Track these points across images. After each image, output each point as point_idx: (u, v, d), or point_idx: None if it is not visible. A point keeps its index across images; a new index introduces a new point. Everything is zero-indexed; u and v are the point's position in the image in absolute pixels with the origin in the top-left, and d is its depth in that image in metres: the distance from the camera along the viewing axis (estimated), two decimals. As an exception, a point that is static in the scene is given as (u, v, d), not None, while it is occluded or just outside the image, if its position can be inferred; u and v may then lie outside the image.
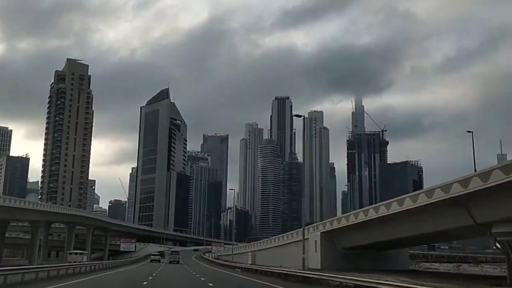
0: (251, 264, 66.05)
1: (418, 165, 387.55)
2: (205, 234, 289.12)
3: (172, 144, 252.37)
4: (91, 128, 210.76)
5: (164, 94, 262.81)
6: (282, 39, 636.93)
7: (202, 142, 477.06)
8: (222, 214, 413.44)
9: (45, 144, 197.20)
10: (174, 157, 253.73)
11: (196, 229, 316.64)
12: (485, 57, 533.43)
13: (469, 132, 43.48)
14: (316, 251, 51.78)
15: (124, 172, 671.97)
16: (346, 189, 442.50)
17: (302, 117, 29.54)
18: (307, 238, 55.59)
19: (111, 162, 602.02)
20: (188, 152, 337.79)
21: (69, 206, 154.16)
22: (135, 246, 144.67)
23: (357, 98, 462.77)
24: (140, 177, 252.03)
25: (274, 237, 71.20)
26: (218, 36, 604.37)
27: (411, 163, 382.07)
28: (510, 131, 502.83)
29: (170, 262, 78.04)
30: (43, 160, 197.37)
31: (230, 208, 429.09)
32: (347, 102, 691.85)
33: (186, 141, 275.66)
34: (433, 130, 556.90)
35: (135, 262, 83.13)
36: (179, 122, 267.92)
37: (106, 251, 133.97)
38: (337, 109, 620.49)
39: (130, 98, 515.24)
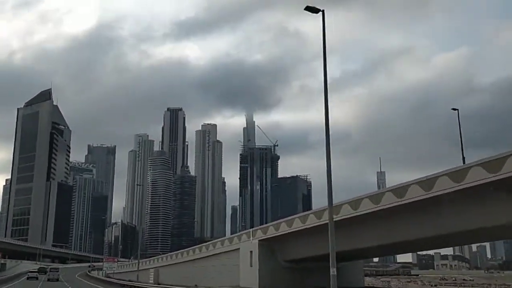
0: (155, 284, 51.72)
1: (307, 179, 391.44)
2: (87, 250, 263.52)
3: (54, 151, 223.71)
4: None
5: (45, 95, 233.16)
6: (174, 51, 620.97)
7: (87, 153, 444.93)
8: (106, 230, 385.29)
9: None
10: (55, 165, 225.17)
11: (78, 245, 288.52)
12: (366, 79, 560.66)
13: (455, 110, 34.32)
14: (251, 265, 39.52)
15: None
16: (236, 204, 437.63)
17: (321, 11, 18.53)
18: (238, 249, 43.18)
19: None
20: (72, 163, 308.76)
21: None
22: (4, 263, 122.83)
23: (249, 114, 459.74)
24: (15, 187, 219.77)
25: (185, 249, 57.34)
26: (106, 43, 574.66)
27: (301, 177, 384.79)
28: (387, 149, 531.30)
29: (48, 280, 69.85)
30: None
31: (115, 223, 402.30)
32: (238, 118, 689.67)
33: (69, 148, 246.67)
34: (319, 147, 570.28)
35: (3, 283, 65.07)
36: (62, 127, 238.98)
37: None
38: (228, 124, 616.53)
39: (6, 105, 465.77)
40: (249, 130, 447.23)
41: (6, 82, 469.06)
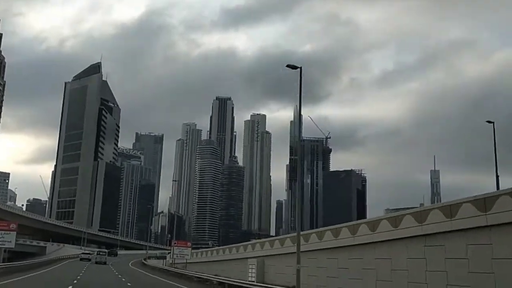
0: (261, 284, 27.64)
1: (362, 174, 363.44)
2: (134, 238, 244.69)
3: (102, 129, 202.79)
4: (1, 102, 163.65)
5: (95, 69, 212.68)
6: (222, 40, 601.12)
7: (134, 141, 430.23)
8: (153, 219, 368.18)
9: None
10: (103, 144, 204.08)
11: (124, 233, 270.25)
12: (422, 73, 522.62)
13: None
14: None
15: (46, 171, 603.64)
16: (281, 199, 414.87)
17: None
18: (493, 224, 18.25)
19: (32, 160, 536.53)
20: (119, 148, 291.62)
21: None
22: (44, 246, 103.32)
23: (296, 107, 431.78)
24: (61, 166, 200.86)
25: (336, 226, 31.10)
26: (155, 31, 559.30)
27: (356, 172, 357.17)
28: (441, 147, 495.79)
29: (96, 263, 67.88)
30: None
31: (162, 212, 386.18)
32: (284, 112, 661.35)
33: (119, 127, 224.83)
34: (368, 143, 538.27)
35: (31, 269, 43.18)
36: (112, 104, 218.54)
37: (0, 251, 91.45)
38: (275, 117, 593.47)
39: (57, 93, 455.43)
40: (297, 123, 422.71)
41: (56, 69, 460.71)
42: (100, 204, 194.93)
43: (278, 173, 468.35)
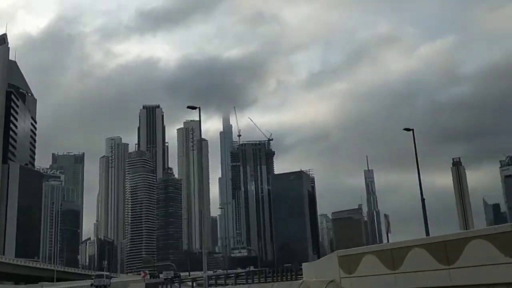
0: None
1: (311, 175, 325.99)
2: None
3: (13, 121, 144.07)
4: None
5: None
6: (142, 48, 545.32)
7: (51, 163, 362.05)
8: (80, 246, 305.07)
9: None
10: (15, 141, 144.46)
11: (46, 264, 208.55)
12: (348, 73, 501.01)
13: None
14: None
15: None
16: (214, 214, 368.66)
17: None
18: None
19: None
20: (36, 168, 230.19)
21: None
22: None
23: (225, 117, 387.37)
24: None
25: None
26: (67, 41, 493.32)
27: (305, 172, 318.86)
28: (370, 147, 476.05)
29: (95, 287, 60.12)
30: None
31: (89, 238, 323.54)
32: (211, 122, 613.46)
33: (35, 122, 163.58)
34: (298, 148, 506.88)
35: None
36: (25, 92, 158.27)
37: None
38: (203, 126, 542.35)
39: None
40: (225, 134, 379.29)
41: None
42: (15, 224, 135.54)
43: (213, 187, 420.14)
